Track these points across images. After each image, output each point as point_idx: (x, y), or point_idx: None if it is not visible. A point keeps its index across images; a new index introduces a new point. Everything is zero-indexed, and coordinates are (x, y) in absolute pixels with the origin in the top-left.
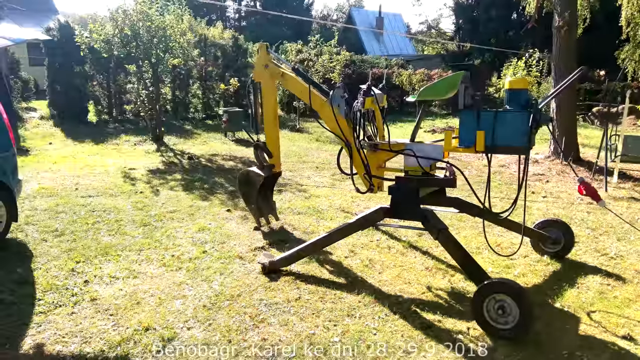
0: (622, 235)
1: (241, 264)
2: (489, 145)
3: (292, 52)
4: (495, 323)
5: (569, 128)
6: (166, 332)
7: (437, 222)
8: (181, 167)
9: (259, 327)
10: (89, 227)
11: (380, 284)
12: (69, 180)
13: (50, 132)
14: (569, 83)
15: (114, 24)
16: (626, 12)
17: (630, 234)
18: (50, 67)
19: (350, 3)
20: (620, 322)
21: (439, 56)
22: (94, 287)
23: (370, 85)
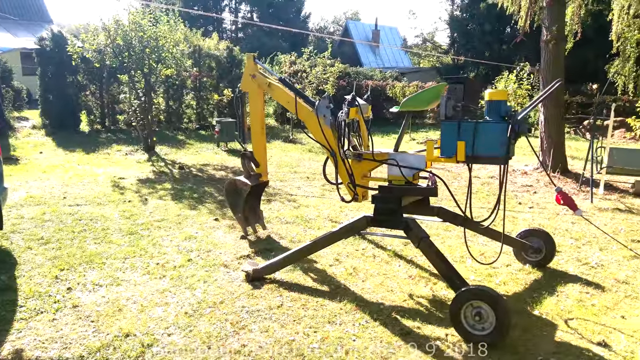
0: (605, 245)
1: (226, 272)
2: (469, 155)
3: (286, 64)
4: (473, 329)
5: (557, 140)
6: (146, 338)
7: (419, 231)
8: (171, 176)
9: (239, 333)
10: (75, 235)
11: (362, 291)
12: (57, 189)
13: (42, 141)
14: (546, 95)
15: (107, 34)
16: (616, 27)
17: (612, 244)
18: (42, 77)
19: (347, 16)
20: (597, 330)
21: (433, 69)
22: (77, 294)
23: (354, 96)
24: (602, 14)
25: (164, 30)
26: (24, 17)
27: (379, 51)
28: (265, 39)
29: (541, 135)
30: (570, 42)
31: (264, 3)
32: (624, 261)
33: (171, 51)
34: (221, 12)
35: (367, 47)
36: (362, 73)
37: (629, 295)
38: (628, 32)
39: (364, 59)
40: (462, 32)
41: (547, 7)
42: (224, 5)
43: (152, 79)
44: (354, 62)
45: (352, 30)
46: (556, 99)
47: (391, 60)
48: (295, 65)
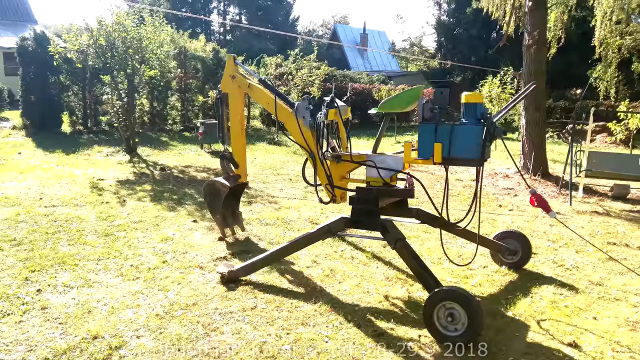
0: (581, 247)
1: (201, 274)
2: (445, 157)
3: (272, 66)
4: (445, 330)
5: (538, 144)
6: (114, 341)
7: (395, 233)
8: (152, 178)
9: (210, 335)
10: (48, 236)
11: (339, 293)
12: (34, 190)
13: (21, 142)
14: (521, 98)
15: (89, 34)
16: (599, 33)
17: (588, 246)
18: (24, 77)
19: (335, 19)
20: (568, 330)
21: (420, 73)
22: (46, 296)
23: (333, 97)
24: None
25: (148, 31)
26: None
27: (367, 55)
28: (253, 41)
29: (522, 139)
30: (553, 48)
31: (253, 5)
32: (599, 263)
33: (155, 52)
34: (209, 14)
35: (355, 51)
36: (348, 76)
37: (602, 297)
38: (610, 38)
39: (352, 62)
40: (448, 36)
41: (528, 13)
42: (212, 7)
43: (136, 80)
44: (343, 65)
45: (341, 34)
46: (537, 103)
47: (379, 64)
48: (281, 68)
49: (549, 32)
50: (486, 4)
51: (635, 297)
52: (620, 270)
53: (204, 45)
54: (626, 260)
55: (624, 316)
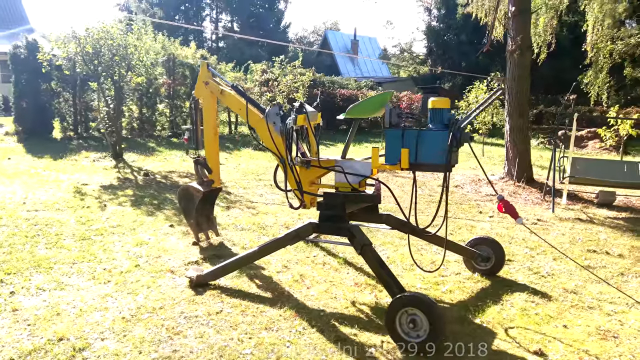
0: (559, 255)
1: (171, 278)
2: (412, 163)
3: (258, 72)
4: (407, 336)
5: (522, 150)
6: (79, 343)
7: (361, 238)
8: (135, 183)
9: (173, 339)
10: (27, 240)
11: (305, 298)
12: (18, 194)
13: (12, 147)
14: (488, 103)
15: (77, 42)
16: (591, 37)
17: (566, 253)
18: (16, 84)
19: (326, 26)
20: (536, 338)
21: (410, 79)
22: (19, 298)
23: (302, 103)
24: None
25: (134, 39)
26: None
27: (358, 61)
28: (245, 48)
29: (507, 145)
30: (543, 53)
31: (245, 13)
32: (576, 271)
33: (142, 59)
34: (202, 22)
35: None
36: (337, 82)
37: (575, 305)
38: (601, 43)
39: (343, 68)
40: (438, 42)
41: (512, 18)
42: (205, 15)
43: (124, 87)
44: (333, 71)
45: (331, 40)
46: (521, 109)
47: (370, 70)
48: (266, 74)
49: (539, 37)
50: (474, 9)
51: (609, 306)
52: (596, 279)
53: (195, 52)
54: (605, 268)
55: (596, 325)
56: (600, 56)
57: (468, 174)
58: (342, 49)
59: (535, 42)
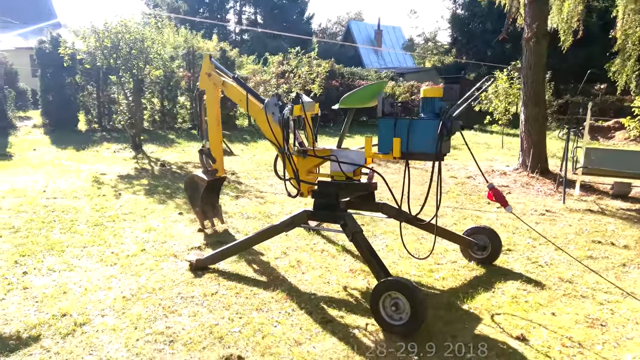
0: (563, 245)
1: (174, 261)
2: (404, 152)
3: (274, 64)
4: (390, 319)
5: (537, 140)
6: (80, 318)
7: (353, 226)
8: (151, 173)
9: (168, 317)
10: (44, 225)
11: (299, 282)
12: (40, 183)
13: (38, 139)
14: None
15: (96, 36)
16: (621, 23)
17: (570, 244)
18: (42, 77)
19: (350, 16)
20: (521, 324)
21: (433, 69)
22: (30, 278)
23: (298, 94)
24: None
25: (151, 32)
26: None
27: (381, 51)
28: (268, 40)
29: (521, 135)
30: (568, 41)
31: (268, 5)
32: (576, 261)
33: (159, 52)
34: (226, 14)
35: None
36: (356, 73)
37: (568, 294)
38: (630, 30)
39: (366, 59)
40: (463, 31)
41: (528, 4)
42: (229, 7)
43: (147, 80)
44: (356, 62)
45: (355, 31)
46: (537, 98)
47: (394, 60)
48: (282, 66)
49: (564, 24)
50: None
51: (603, 295)
52: (597, 269)
53: (216, 45)
54: (607, 258)
55: (585, 313)
56: (628, 43)
57: (482, 165)
58: (366, 40)
59: (561, 29)
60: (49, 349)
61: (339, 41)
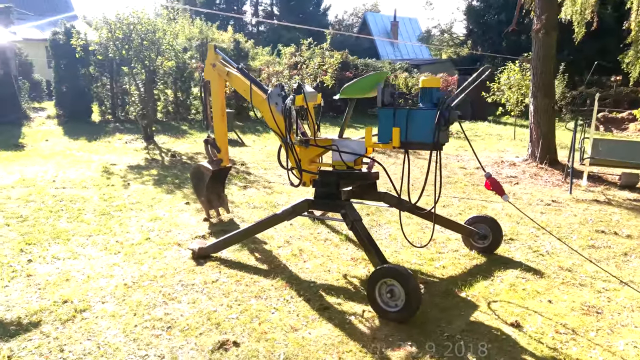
0: (566, 235)
1: (177, 250)
2: (403, 141)
3: (287, 55)
4: (386, 306)
5: (546, 131)
6: (81, 305)
7: (353, 214)
8: (161, 164)
9: (167, 304)
10: (51, 214)
11: (300, 271)
12: (50, 173)
13: (51, 130)
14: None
15: (108, 27)
16: (635, 14)
17: (573, 234)
18: (56, 69)
19: (366, 7)
20: (516, 312)
21: (449, 60)
22: (35, 266)
23: (300, 84)
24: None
25: (163, 23)
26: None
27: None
28: (283, 31)
29: (530, 126)
30: (581, 32)
31: None
32: (578, 250)
33: (171, 44)
34: (242, 5)
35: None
36: (370, 65)
37: (567, 282)
38: None
39: (382, 51)
40: (479, 22)
41: None
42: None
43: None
44: (372, 54)
45: (371, 23)
46: (546, 89)
47: (410, 52)
48: (295, 57)
49: (577, 15)
50: None
51: (602, 284)
52: (598, 258)
53: (231, 37)
54: (609, 248)
55: (582, 301)
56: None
57: (493, 156)
58: (382, 31)
59: (575, 21)
60: (49, 335)
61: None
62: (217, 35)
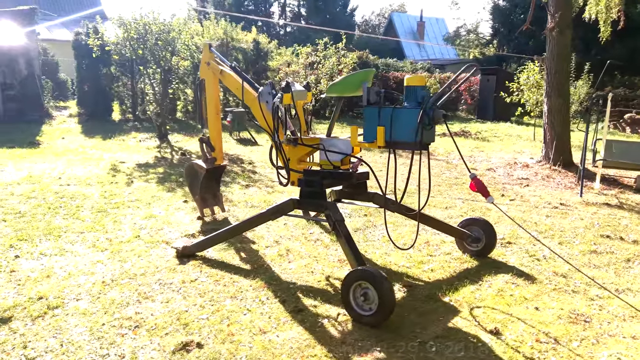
0: (568, 240)
1: (164, 248)
2: (388, 141)
3: (303, 55)
4: (360, 309)
5: (560, 132)
6: (55, 302)
7: (335, 214)
8: (169, 162)
9: (141, 302)
10: (49, 210)
11: (283, 271)
12: (58, 170)
13: (71, 128)
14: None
15: (124, 28)
16: None
17: (576, 238)
18: (78, 68)
19: (392, 8)
20: (499, 318)
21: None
22: (20, 262)
23: (288, 82)
24: None
25: (177, 24)
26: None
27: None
28: (310, 32)
29: (544, 127)
30: (607, 31)
31: None
32: (579, 256)
33: (187, 43)
34: (270, 6)
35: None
36: (391, 65)
37: (559, 289)
38: None
39: (408, 51)
40: (505, 22)
41: None
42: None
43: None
44: (398, 54)
45: (397, 23)
46: (560, 89)
47: (437, 52)
48: (311, 57)
49: (603, 14)
50: None
51: (597, 291)
52: (598, 264)
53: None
54: (612, 253)
55: (571, 308)
56: None
57: (506, 158)
58: (408, 31)
59: (601, 19)
60: (16, 331)
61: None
62: (240, 35)
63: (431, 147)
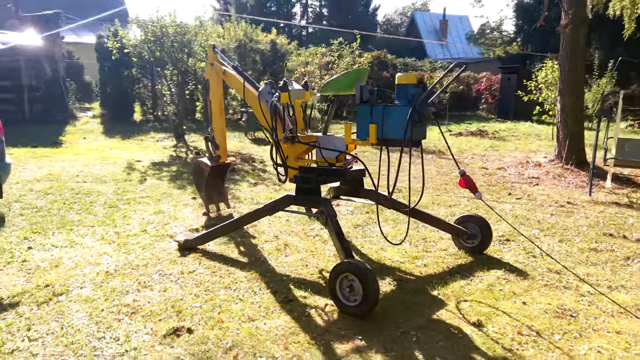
0: (569, 237)
1: (168, 242)
2: (379, 138)
3: (318, 55)
4: (346, 300)
5: (573, 131)
6: (60, 289)
7: (329, 210)
8: (183, 161)
9: (140, 291)
10: (64, 206)
11: (278, 264)
12: (76, 168)
13: (92, 129)
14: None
15: (141, 29)
16: None
17: (577, 236)
18: (101, 71)
19: (415, 6)
20: (484, 312)
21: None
22: (32, 253)
23: (285, 81)
24: None
25: (193, 26)
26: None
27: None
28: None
29: (557, 126)
30: (630, 28)
31: None
32: (577, 253)
33: (203, 45)
34: (292, 7)
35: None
36: (410, 64)
37: (550, 285)
38: None
39: (430, 50)
40: (528, 19)
41: None
42: (294, 1)
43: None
44: (420, 53)
45: (419, 21)
46: (574, 88)
47: (460, 51)
48: (326, 57)
49: (627, 10)
50: None
51: (589, 287)
52: (595, 262)
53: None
54: (612, 251)
55: (559, 303)
56: None
57: (519, 157)
58: (430, 30)
59: (625, 16)
60: (22, 315)
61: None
62: (260, 37)
63: (443, 146)
